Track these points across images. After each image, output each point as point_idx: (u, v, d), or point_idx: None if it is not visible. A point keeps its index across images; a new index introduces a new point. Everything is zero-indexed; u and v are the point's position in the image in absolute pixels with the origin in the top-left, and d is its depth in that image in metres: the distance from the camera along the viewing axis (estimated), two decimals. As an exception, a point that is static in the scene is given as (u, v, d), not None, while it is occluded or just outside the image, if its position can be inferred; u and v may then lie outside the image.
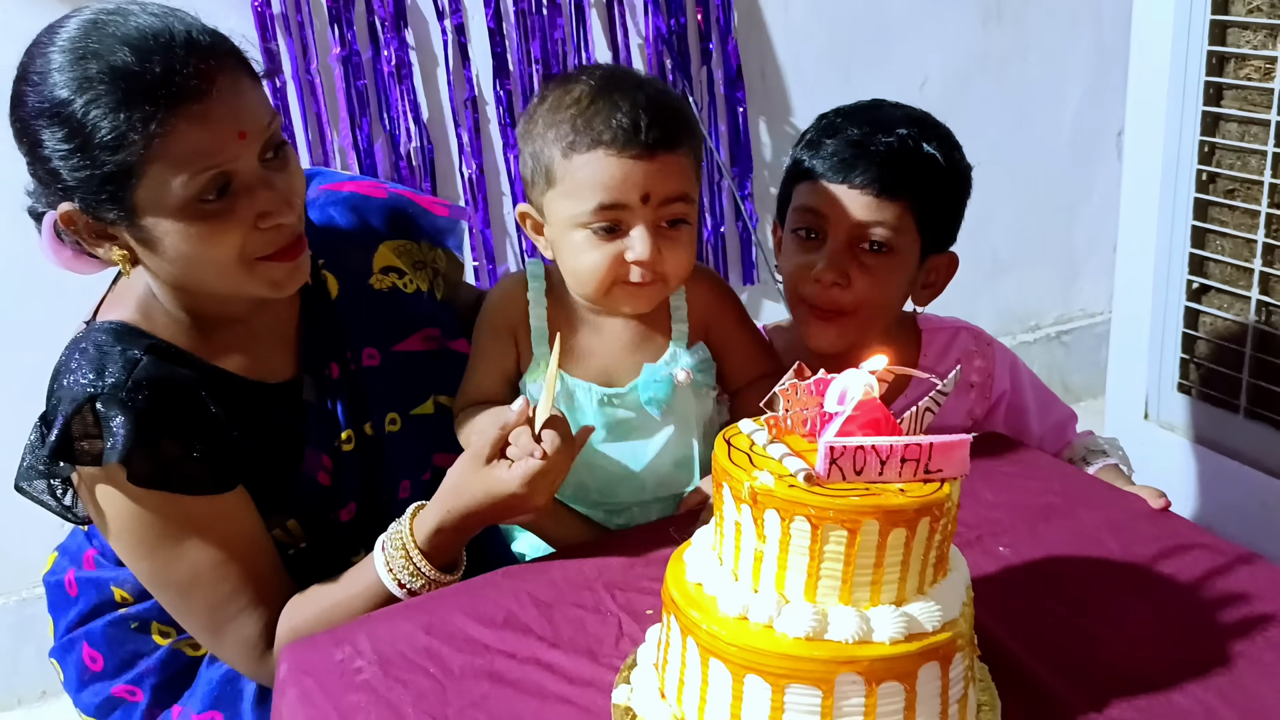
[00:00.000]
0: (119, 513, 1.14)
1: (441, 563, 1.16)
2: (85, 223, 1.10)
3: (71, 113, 1.02)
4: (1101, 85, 2.73)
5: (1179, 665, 0.96)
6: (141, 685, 1.29)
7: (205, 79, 1.04)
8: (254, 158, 1.09)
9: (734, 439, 0.92)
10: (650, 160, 1.16)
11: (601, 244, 1.19)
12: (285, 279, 1.15)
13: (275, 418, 1.23)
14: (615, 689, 0.98)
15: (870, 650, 0.83)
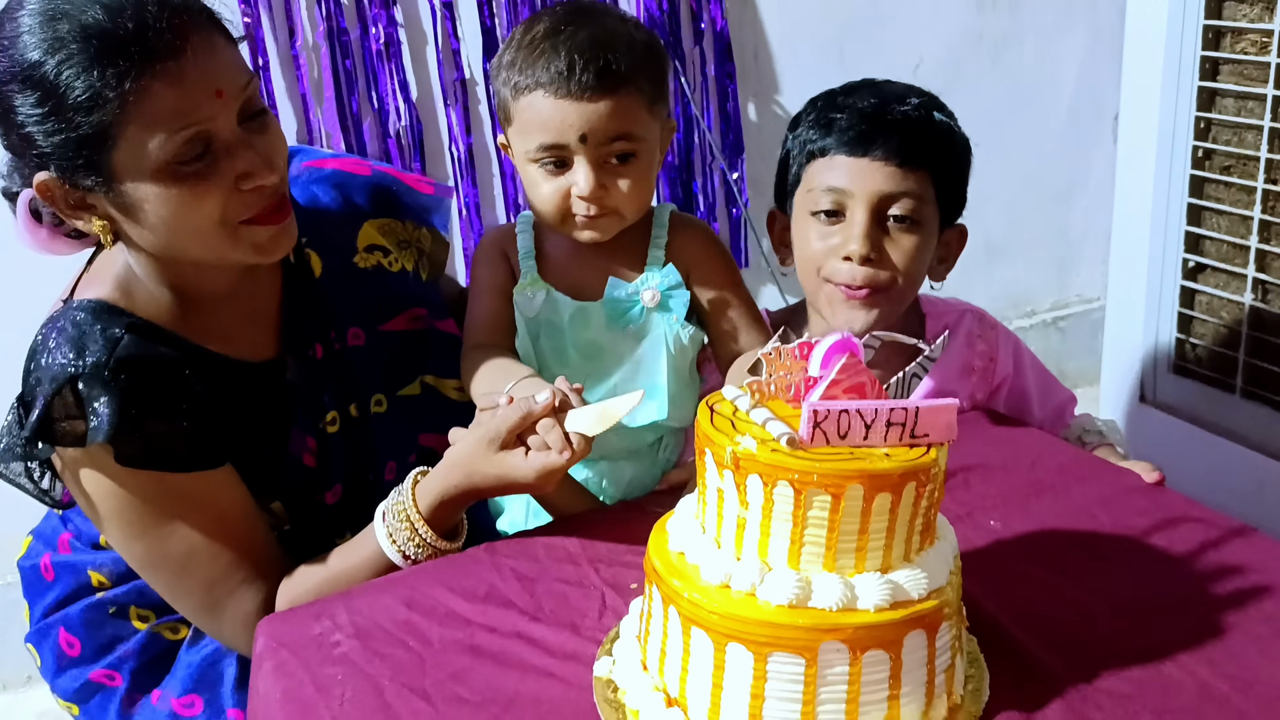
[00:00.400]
0: (107, 494, 1.12)
1: (443, 530, 1.15)
2: (63, 192, 1.07)
3: (44, 75, 1.00)
4: (1097, 69, 2.70)
5: (1171, 638, 0.95)
6: (120, 670, 1.27)
7: (179, 35, 1.01)
8: (232, 118, 1.07)
9: (717, 405, 0.90)
10: (587, 101, 1.20)
11: (551, 178, 1.25)
12: (270, 243, 1.13)
13: (259, 398, 1.21)
14: (597, 661, 0.96)
15: (854, 618, 0.82)
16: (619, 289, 1.30)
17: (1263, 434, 1.85)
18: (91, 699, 1.28)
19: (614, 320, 1.30)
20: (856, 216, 1.28)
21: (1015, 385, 1.48)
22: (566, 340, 1.31)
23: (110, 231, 1.10)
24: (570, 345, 1.31)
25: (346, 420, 1.27)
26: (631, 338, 1.31)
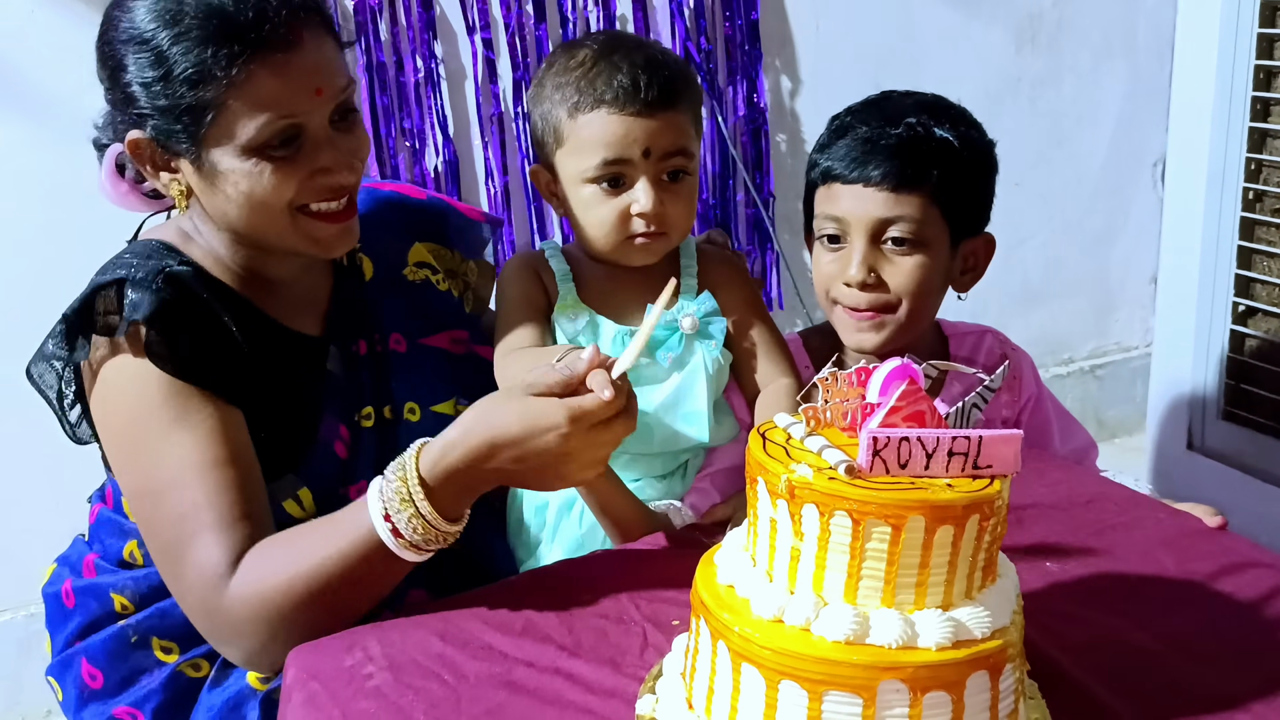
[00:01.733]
0: (123, 391, 1.13)
1: (443, 508, 1.05)
2: (152, 152, 1.14)
3: (158, 43, 1.06)
4: (1137, 111, 2.71)
5: (1242, 685, 0.91)
6: (143, 709, 1.23)
7: (293, 31, 1.08)
8: (326, 115, 1.13)
9: (769, 432, 0.87)
10: (650, 117, 1.23)
11: (608, 198, 1.26)
12: (329, 240, 1.18)
13: (297, 370, 1.23)
14: (640, 699, 0.93)
15: (915, 656, 0.78)
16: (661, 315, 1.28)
17: None
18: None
19: (654, 346, 1.30)
20: (854, 243, 1.32)
21: (1037, 409, 1.47)
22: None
23: (186, 196, 1.16)
24: None
25: (380, 419, 1.28)
26: (671, 363, 1.31)
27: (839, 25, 2.35)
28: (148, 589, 1.24)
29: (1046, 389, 1.50)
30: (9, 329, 1.88)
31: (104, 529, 1.30)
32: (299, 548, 1.08)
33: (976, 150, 1.35)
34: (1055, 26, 2.58)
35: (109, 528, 1.29)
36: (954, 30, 2.47)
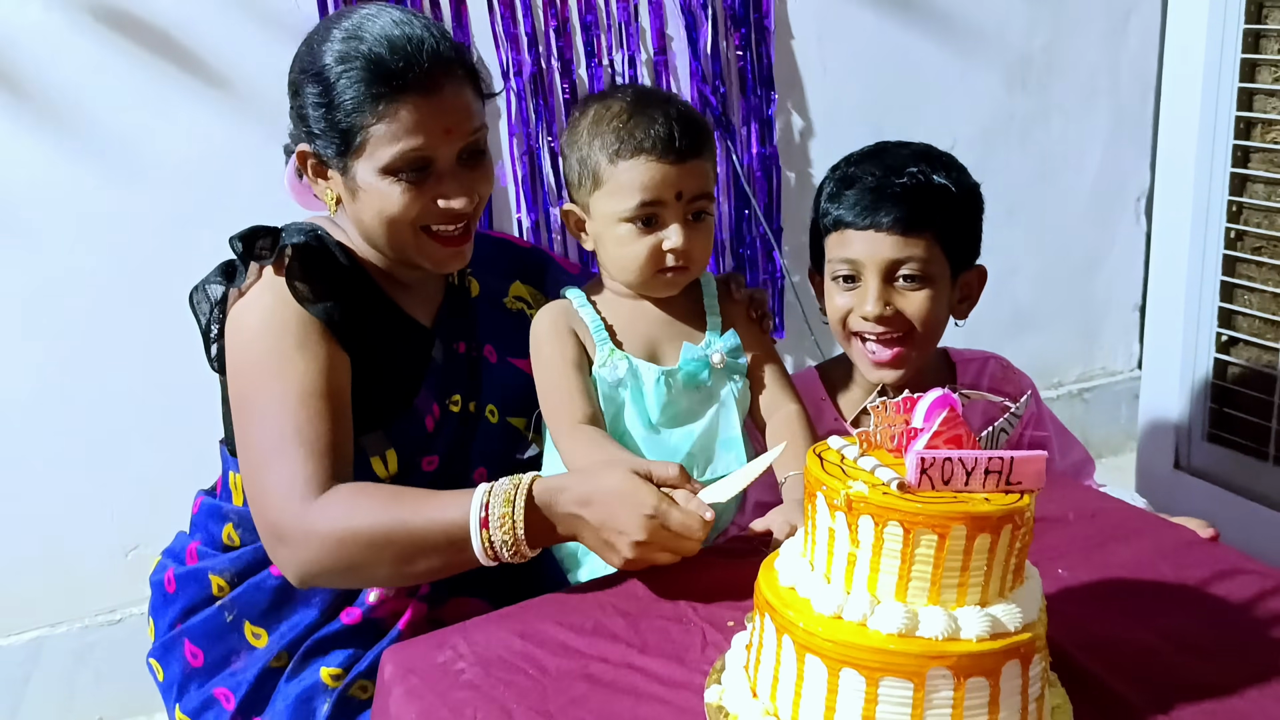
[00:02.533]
0: (258, 313, 1.30)
1: (530, 534, 1.19)
2: (314, 162, 1.35)
3: (329, 76, 1.28)
4: (1120, 148, 2.84)
5: (1238, 675, 1.02)
6: (236, 692, 1.36)
7: (433, 81, 1.28)
8: (453, 152, 1.32)
9: (825, 454, 0.99)
10: (682, 165, 1.35)
11: (642, 236, 1.37)
12: (444, 259, 1.37)
13: (406, 347, 1.39)
14: (707, 689, 1.04)
15: (959, 647, 0.89)
16: (691, 353, 1.41)
17: None
18: (205, 715, 1.37)
19: (689, 382, 1.41)
20: (870, 282, 1.45)
21: (1040, 427, 1.61)
22: (647, 403, 1.40)
23: (336, 202, 1.37)
24: (652, 407, 1.40)
25: (465, 409, 1.43)
26: (703, 396, 1.42)
27: (844, 69, 2.48)
28: (243, 566, 1.38)
29: (1046, 407, 1.64)
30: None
31: (206, 516, 1.45)
32: (396, 502, 1.23)
33: (968, 193, 1.50)
34: (1044, 69, 2.72)
35: (211, 514, 1.44)
36: (950, 73, 2.60)
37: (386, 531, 1.21)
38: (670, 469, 1.19)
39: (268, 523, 1.25)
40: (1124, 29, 2.75)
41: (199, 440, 2.00)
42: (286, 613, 1.37)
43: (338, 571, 1.25)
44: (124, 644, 2.12)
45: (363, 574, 1.27)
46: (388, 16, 1.30)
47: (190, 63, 1.98)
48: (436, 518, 1.20)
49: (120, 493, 2.11)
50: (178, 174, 2.01)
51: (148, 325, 2.05)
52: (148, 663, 1.45)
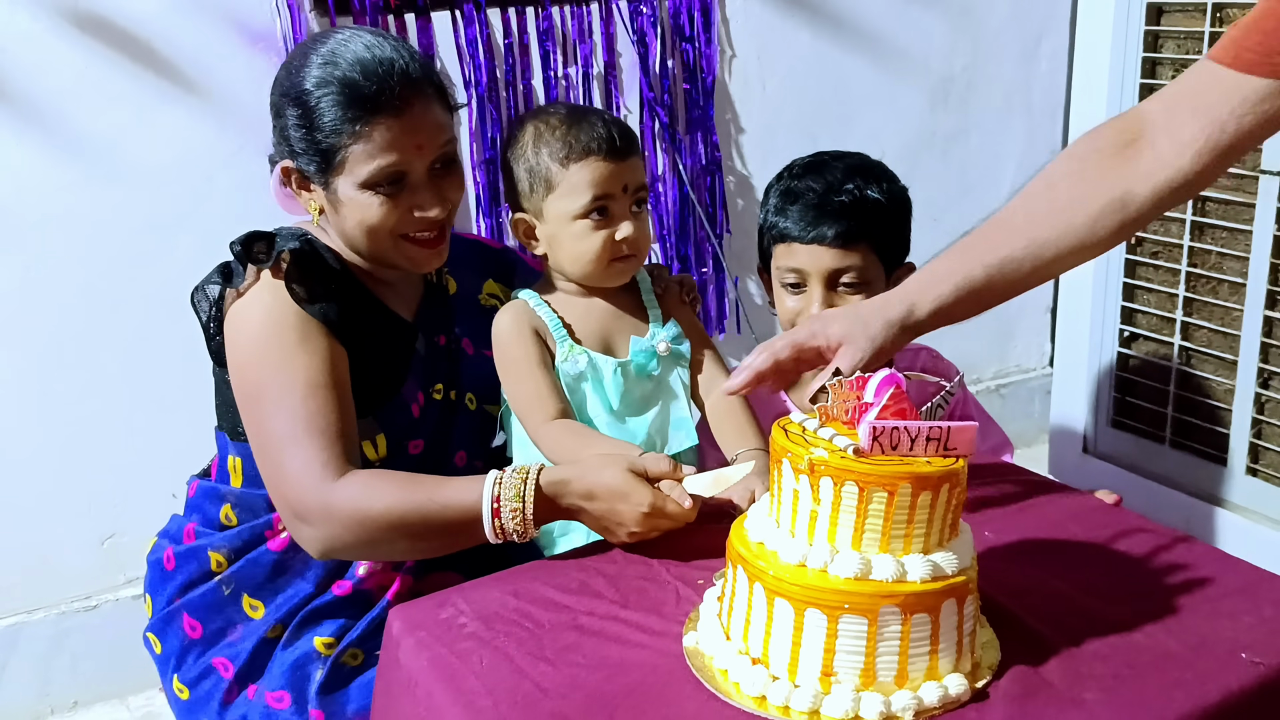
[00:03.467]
0: (258, 313, 1.39)
1: (537, 516, 1.32)
2: (297, 177, 1.45)
3: (308, 100, 1.38)
4: (1033, 163, 2.98)
5: (1136, 614, 1.18)
6: (234, 661, 1.45)
7: (404, 101, 1.38)
8: (425, 165, 1.42)
9: (788, 426, 1.13)
10: (623, 161, 1.49)
11: (596, 230, 1.50)
12: (423, 260, 1.48)
13: (391, 340, 1.49)
14: (685, 635, 1.17)
15: (906, 588, 1.02)
16: (640, 345, 1.55)
17: (1189, 479, 2.11)
18: (202, 683, 1.46)
19: (640, 372, 1.55)
20: (814, 289, 1.61)
21: (966, 411, 1.77)
22: (605, 395, 1.54)
23: (319, 213, 1.47)
24: (611, 397, 1.54)
25: (446, 397, 1.54)
26: (655, 384, 1.57)
27: (782, 86, 2.62)
28: (240, 543, 1.47)
29: (971, 395, 1.80)
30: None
31: (203, 498, 1.53)
32: (413, 485, 1.35)
33: (899, 202, 1.66)
34: (964, 89, 2.88)
35: (208, 495, 1.52)
36: (878, 91, 2.75)
37: (402, 514, 1.32)
38: (662, 463, 1.32)
39: (289, 504, 1.35)
40: (1036, 53, 2.93)
41: (174, 432, 2.09)
42: (283, 585, 1.47)
43: (357, 547, 1.36)
44: (99, 630, 2.18)
45: (379, 550, 1.39)
46: (360, 41, 1.39)
47: (168, 68, 2.05)
48: (451, 504, 1.32)
49: (96, 483, 2.16)
50: (156, 177, 2.08)
51: (125, 321, 2.11)
52: (145, 637, 1.53)
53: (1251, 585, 1.24)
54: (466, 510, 1.32)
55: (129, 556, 2.19)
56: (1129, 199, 1.24)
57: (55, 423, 2.11)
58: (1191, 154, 1.23)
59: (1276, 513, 1.97)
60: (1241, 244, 1.99)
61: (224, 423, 1.51)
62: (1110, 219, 1.25)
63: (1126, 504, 1.65)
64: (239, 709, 1.45)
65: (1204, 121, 1.22)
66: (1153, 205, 1.25)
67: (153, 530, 1.60)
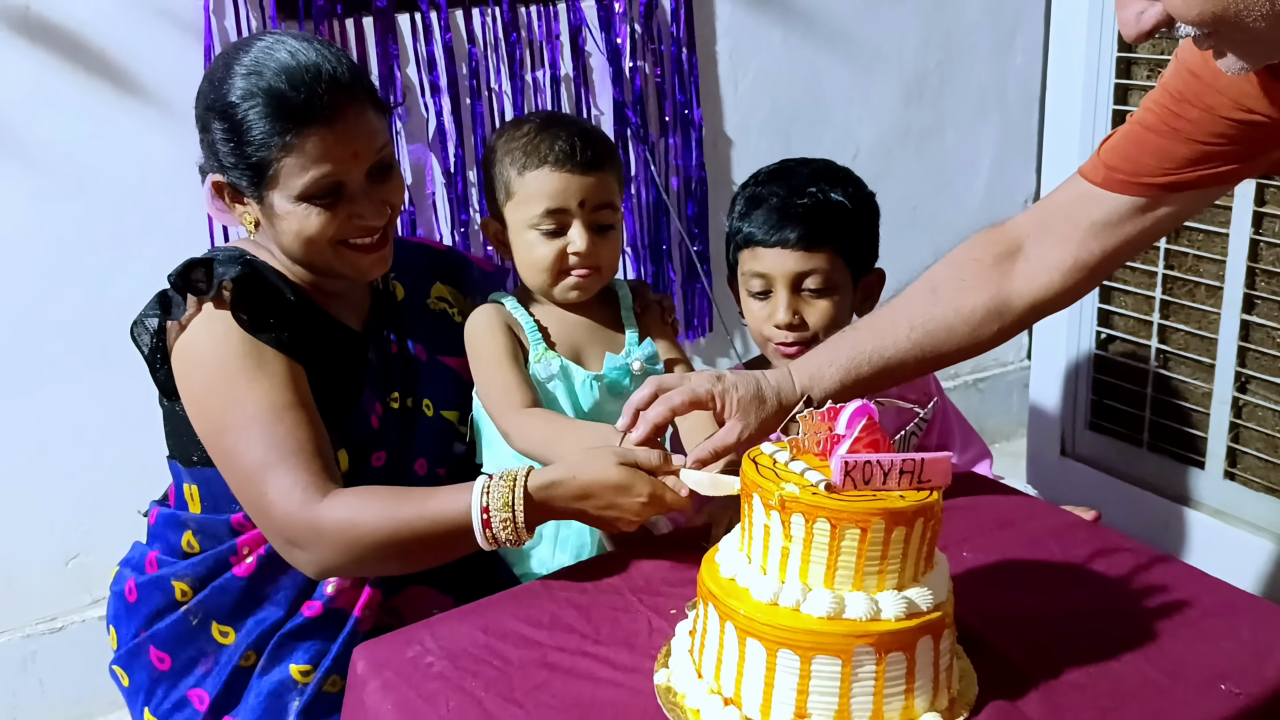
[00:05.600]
0: (207, 344, 1.35)
1: (529, 522, 1.29)
2: (228, 191, 1.40)
3: (235, 113, 1.33)
4: (1008, 156, 3.01)
5: (1116, 640, 1.16)
6: (209, 693, 1.42)
7: (335, 109, 1.33)
8: (362, 172, 1.38)
9: (758, 458, 1.10)
10: (584, 175, 1.47)
11: (548, 241, 1.48)
12: (366, 267, 1.44)
13: (343, 352, 1.45)
14: (656, 673, 1.14)
15: (880, 626, 1.01)
16: (614, 362, 1.53)
17: (1167, 482, 2.11)
18: (175, 716, 1.43)
19: (613, 387, 1.53)
20: (779, 294, 1.60)
21: (945, 420, 1.75)
22: (576, 401, 1.52)
23: (255, 226, 1.43)
24: (579, 406, 1.52)
25: (404, 406, 1.51)
26: (624, 400, 1.51)
27: (755, 85, 2.60)
28: (205, 570, 1.43)
29: (950, 402, 1.79)
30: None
31: (164, 526, 1.49)
32: (400, 501, 1.32)
33: (864, 205, 1.65)
34: (938, 85, 2.87)
35: (169, 523, 1.48)
36: (852, 89, 2.74)
37: (391, 532, 1.30)
38: (653, 456, 1.28)
39: (276, 531, 1.33)
40: (1010, 48, 2.92)
41: (138, 452, 2.04)
42: (252, 610, 1.43)
43: (350, 566, 1.35)
44: (66, 651, 2.14)
45: (373, 568, 1.37)
46: (284, 48, 1.33)
47: (126, 79, 2.01)
48: (440, 518, 1.30)
49: (60, 504, 2.12)
50: (117, 189, 2.04)
51: (88, 339, 2.07)
52: (111, 670, 1.49)
53: (1230, 606, 1.24)
54: (456, 522, 1.30)
55: (95, 576, 2.16)
56: (1006, 310, 1.35)
57: (15, 442, 2.07)
58: (1060, 274, 1.33)
59: (1254, 517, 1.97)
60: (1218, 247, 1.98)
61: (175, 452, 1.47)
62: (989, 326, 1.36)
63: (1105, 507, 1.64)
64: None
65: (1071, 244, 1.32)
66: (1029, 314, 1.37)
67: (118, 550, 1.57)
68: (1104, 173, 1.30)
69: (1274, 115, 1.20)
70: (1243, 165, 1.26)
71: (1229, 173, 1.26)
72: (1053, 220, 1.35)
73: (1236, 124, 1.22)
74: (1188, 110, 1.24)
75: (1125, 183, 1.29)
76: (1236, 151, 1.24)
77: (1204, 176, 1.26)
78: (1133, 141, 1.29)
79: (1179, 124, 1.25)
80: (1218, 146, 1.24)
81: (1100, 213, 1.31)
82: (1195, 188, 1.27)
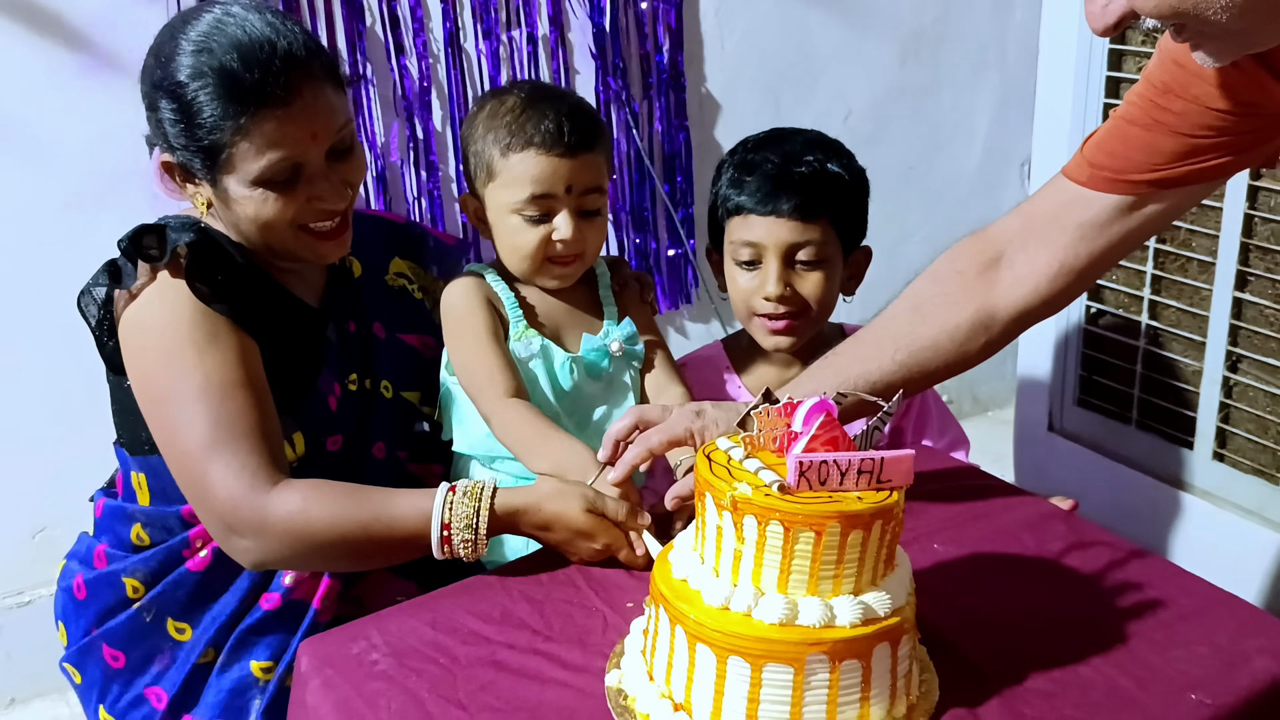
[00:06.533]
0: (158, 313, 1.30)
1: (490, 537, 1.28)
2: (179, 171, 1.34)
3: (183, 94, 1.26)
4: (1007, 117, 2.95)
5: (1085, 644, 1.13)
6: (168, 692, 1.39)
7: (292, 89, 1.26)
8: (321, 153, 1.32)
9: (713, 455, 1.06)
10: (572, 158, 1.41)
11: (532, 227, 1.43)
12: (326, 251, 1.39)
13: (300, 330, 1.40)
14: (608, 674, 1.11)
15: (834, 633, 0.97)
16: (592, 343, 1.49)
17: (1155, 461, 2.08)
18: (132, 714, 1.40)
19: (591, 369, 1.50)
20: (770, 265, 1.54)
21: (922, 408, 1.71)
22: (555, 383, 1.48)
23: (207, 206, 1.37)
24: (558, 387, 1.48)
25: (362, 387, 1.47)
26: (605, 383, 1.51)
27: (742, 43, 2.52)
28: (157, 565, 1.39)
29: (931, 389, 1.74)
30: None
31: (111, 518, 1.45)
32: (357, 502, 1.28)
33: (858, 179, 1.60)
34: (935, 42, 2.80)
35: (116, 515, 1.44)
36: (845, 46, 2.67)
37: (344, 533, 1.27)
38: (621, 510, 1.27)
39: (217, 516, 1.28)
40: (1010, 3, 2.84)
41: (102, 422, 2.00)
42: (207, 604, 1.40)
43: (294, 561, 1.31)
44: (34, 625, 2.11)
45: (318, 564, 1.34)
46: (234, 22, 1.26)
47: (82, 41, 1.95)
48: (397, 525, 1.27)
49: (25, 476, 2.10)
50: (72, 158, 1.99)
51: (47, 308, 2.02)
52: (61, 666, 1.46)
53: (1207, 608, 1.20)
54: (414, 531, 1.27)
55: (61, 550, 2.09)
56: (992, 322, 1.32)
57: None
58: (1047, 280, 1.29)
59: (1242, 499, 1.93)
60: (1211, 221, 1.93)
61: (123, 435, 1.43)
62: (976, 340, 1.33)
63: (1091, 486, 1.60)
64: None
65: (1058, 248, 1.28)
66: (1016, 324, 1.33)
67: (86, 523, 1.54)
68: (1089, 171, 1.25)
69: (1264, 105, 1.14)
70: (1234, 159, 1.20)
71: (1219, 166, 1.21)
72: (1037, 224, 1.30)
73: (1225, 115, 1.16)
74: (1173, 102, 1.19)
75: (1111, 181, 1.24)
76: (1227, 144, 1.19)
77: (1193, 171, 1.21)
78: (1117, 137, 1.24)
79: (1165, 117, 1.19)
80: (1206, 139, 1.18)
81: (1086, 214, 1.26)
82: (1185, 184, 1.22)
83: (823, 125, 1.71)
